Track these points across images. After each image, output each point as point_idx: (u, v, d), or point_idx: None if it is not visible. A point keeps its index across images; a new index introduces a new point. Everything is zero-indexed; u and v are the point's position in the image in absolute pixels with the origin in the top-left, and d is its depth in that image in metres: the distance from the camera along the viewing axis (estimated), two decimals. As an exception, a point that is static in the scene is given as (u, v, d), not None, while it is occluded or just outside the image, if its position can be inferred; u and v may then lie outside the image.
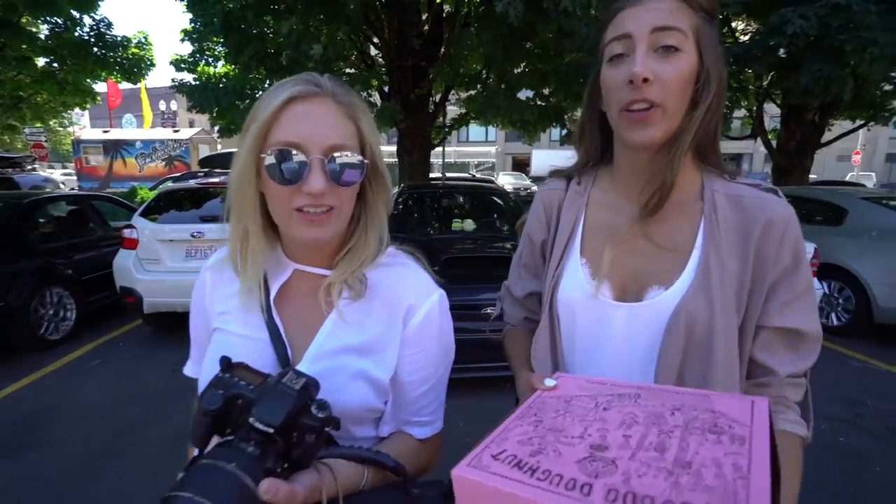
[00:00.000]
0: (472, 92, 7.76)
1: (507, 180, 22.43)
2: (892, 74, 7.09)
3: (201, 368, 0.75)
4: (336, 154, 0.63)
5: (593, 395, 0.58)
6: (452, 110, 9.26)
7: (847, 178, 20.69)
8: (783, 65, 5.88)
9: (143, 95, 22.39)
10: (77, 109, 13.58)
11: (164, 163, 17.42)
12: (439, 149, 9.31)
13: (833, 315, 4.61)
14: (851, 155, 24.31)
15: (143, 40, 11.10)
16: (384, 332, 0.70)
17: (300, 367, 0.67)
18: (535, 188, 21.93)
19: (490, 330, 1.02)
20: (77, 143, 17.99)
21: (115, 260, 4.16)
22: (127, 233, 4.12)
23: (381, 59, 8.06)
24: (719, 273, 0.67)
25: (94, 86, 11.79)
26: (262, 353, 0.69)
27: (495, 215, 5.03)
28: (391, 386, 0.72)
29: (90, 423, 2.90)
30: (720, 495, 0.39)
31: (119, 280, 4.11)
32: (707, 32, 0.65)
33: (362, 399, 0.69)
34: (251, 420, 0.52)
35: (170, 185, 5.92)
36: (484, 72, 7.89)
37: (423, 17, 7.39)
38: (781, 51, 5.78)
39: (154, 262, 4.03)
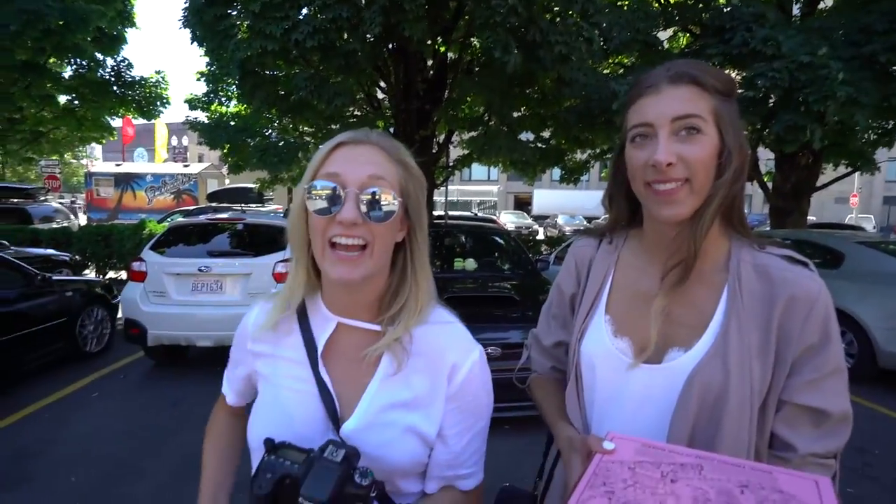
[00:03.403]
0: (475, 133, 8.04)
1: (509, 219, 22.70)
2: (874, 124, 7.40)
3: (236, 397, 0.87)
4: (373, 189, 0.65)
5: (656, 463, 0.59)
6: (456, 151, 9.55)
7: (846, 221, 20.84)
8: (766, 114, 6.17)
9: (161, 130, 23.14)
10: (93, 143, 14.00)
11: (172, 196, 17.78)
12: (443, 188, 9.52)
13: (835, 359, 4.58)
14: (849, 197, 24.63)
15: (160, 80, 11.62)
16: (430, 388, 0.72)
17: (350, 423, 0.70)
18: (536, 227, 22.20)
19: (515, 377, 1.04)
20: (90, 175, 18.46)
21: (122, 292, 4.25)
22: (136, 266, 4.21)
23: (387, 103, 8.40)
24: (738, 343, 0.67)
25: (111, 121, 12.24)
26: (311, 407, 0.71)
27: (496, 255, 5.11)
28: (437, 439, 0.73)
29: (84, 458, 2.88)
30: None
31: (125, 312, 4.16)
32: (725, 112, 0.68)
33: (412, 453, 0.70)
34: (301, 500, 0.56)
35: (180, 219, 6.04)
36: (485, 115, 8.20)
37: (429, 63, 7.77)
38: (771, 100, 6.09)
39: (160, 295, 4.09)
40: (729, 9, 6.73)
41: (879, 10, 6.39)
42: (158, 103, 11.65)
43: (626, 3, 9.05)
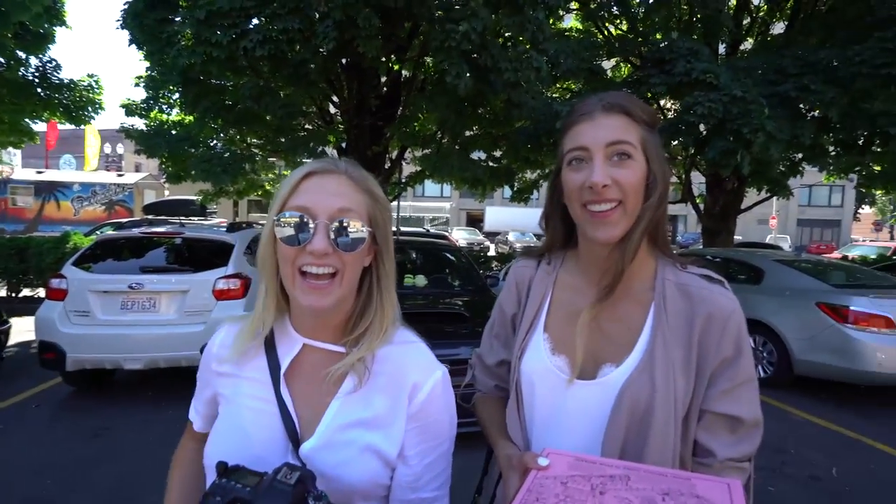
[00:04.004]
0: (427, 151, 8.12)
1: (461, 235, 22.96)
2: (785, 156, 8.31)
3: (202, 422, 0.84)
4: (342, 219, 0.68)
5: (587, 476, 0.62)
6: (408, 167, 9.58)
7: (767, 240, 22.99)
8: (700, 140, 6.74)
9: (93, 136, 21.42)
10: (10, 148, 12.77)
11: (103, 207, 16.51)
12: (395, 203, 9.50)
13: (759, 368, 4.96)
14: (769, 219, 27.26)
15: (93, 84, 10.83)
16: (390, 407, 0.72)
17: (310, 442, 0.70)
18: (488, 243, 22.60)
19: (460, 396, 1.03)
20: (4, 182, 16.79)
21: (37, 312, 3.83)
22: (55, 283, 3.83)
23: (339, 117, 8.32)
24: (663, 358, 0.72)
25: (32, 125, 11.21)
26: (271, 426, 0.71)
27: (447, 271, 5.13)
28: (398, 460, 0.73)
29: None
30: None
31: (39, 334, 3.76)
32: (651, 141, 0.75)
33: (370, 473, 0.70)
34: None
35: (109, 232, 5.60)
36: (438, 133, 8.32)
37: (382, 80, 7.80)
38: (702, 127, 6.68)
39: (83, 315, 3.74)
40: (666, 42, 7.32)
41: (792, 54, 7.20)
42: (90, 108, 10.82)
43: (573, 34, 9.62)
